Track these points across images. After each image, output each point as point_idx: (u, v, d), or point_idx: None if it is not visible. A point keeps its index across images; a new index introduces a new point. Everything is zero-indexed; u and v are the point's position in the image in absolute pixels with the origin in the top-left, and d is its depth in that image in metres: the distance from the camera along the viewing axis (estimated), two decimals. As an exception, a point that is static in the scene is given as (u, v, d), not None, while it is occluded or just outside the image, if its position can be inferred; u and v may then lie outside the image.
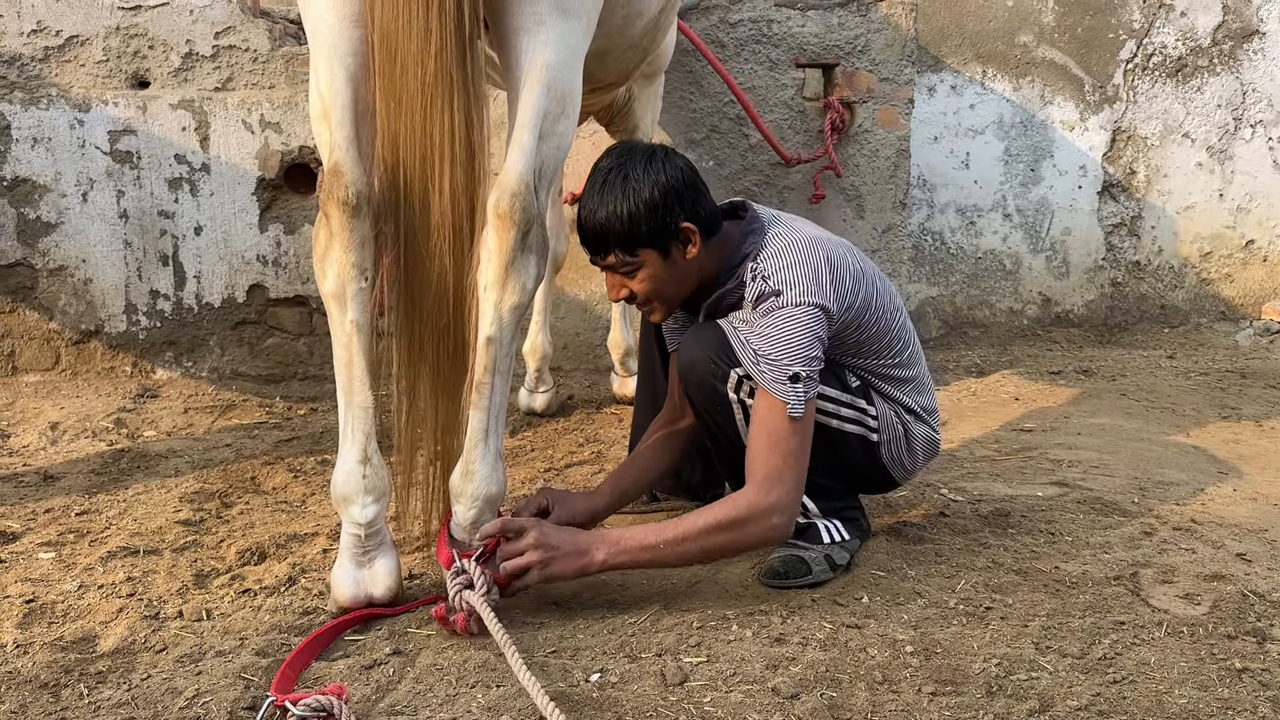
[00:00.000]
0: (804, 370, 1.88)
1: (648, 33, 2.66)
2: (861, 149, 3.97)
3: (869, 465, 2.11)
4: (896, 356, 2.12)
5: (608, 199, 1.95)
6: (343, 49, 1.83)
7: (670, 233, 1.96)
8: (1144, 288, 5.02)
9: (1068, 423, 3.31)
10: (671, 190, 1.95)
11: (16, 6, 3.45)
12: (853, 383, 2.08)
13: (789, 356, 1.88)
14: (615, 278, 2.02)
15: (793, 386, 1.87)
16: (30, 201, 3.54)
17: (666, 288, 2.01)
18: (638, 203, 1.93)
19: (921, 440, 2.15)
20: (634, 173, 1.96)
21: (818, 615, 1.82)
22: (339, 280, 1.83)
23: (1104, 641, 1.73)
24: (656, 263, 1.97)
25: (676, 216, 1.95)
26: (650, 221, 1.94)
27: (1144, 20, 4.87)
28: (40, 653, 1.72)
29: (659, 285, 2.00)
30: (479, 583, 1.76)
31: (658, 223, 1.94)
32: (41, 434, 3.09)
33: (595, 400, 3.60)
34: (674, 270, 1.99)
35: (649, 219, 1.94)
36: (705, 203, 2.01)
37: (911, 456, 2.14)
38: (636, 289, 2.01)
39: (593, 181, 2.00)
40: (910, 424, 2.13)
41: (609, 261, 2.00)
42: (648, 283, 1.99)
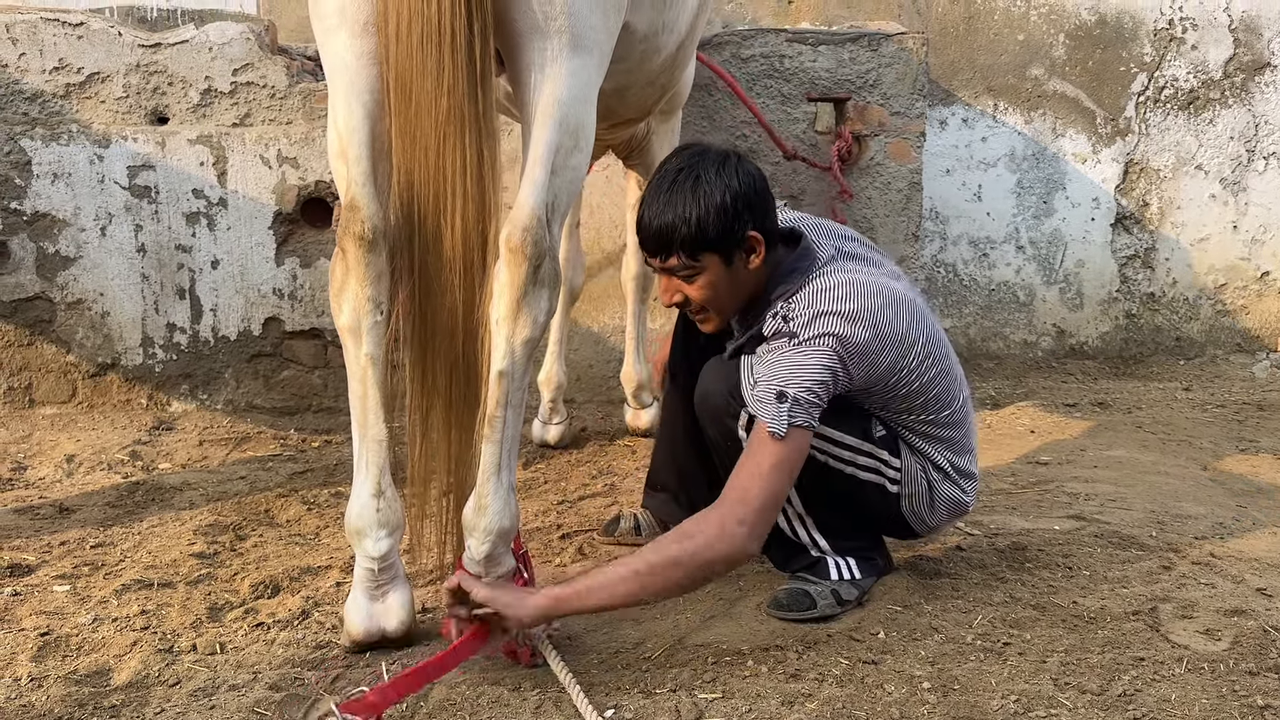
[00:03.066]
0: (794, 392, 1.83)
1: (666, 69, 2.68)
2: (874, 181, 3.98)
3: (886, 513, 2.08)
4: (934, 415, 2.05)
5: (676, 200, 1.92)
6: (360, 87, 1.85)
7: (736, 240, 1.92)
8: (1159, 320, 5.01)
9: (1084, 455, 3.29)
10: (742, 197, 1.92)
11: (39, 45, 3.51)
12: (877, 432, 2.04)
13: (781, 380, 1.85)
14: (672, 282, 1.98)
15: (776, 405, 1.82)
16: (50, 236, 3.57)
17: (724, 297, 1.98)
18: (708, 206, 1.90)
19: (946, 500, 2.10)
20: (706, 175, 1.93)
21: (834, 651, 1.81)
22: (355, 314, 1.84)
23: (1123, 678, 1.71)
24: (718, 269, 1.94)
25: (745, 224, 1.92)
26: (719, 227, 1.90)
27: (1155, 53, 4.88)
28: (54, 686, 1.72)
29: (717, 293, 1.96)
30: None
31: (726, 228, 1.91)
32: (58, 466, 3.10)
33: (609, 432, 3.59)
34: (734, 279, 1.96)
35: (718, 224, 1.90)
36: (772, 213, 1.99)
37: (933, 514, 2.10)
38: (693, 295, 1.97)
39: (659, 182, 1.96)
40: (936, 482, 2.08)
41: (669, 264, 1.95)
42: (707, 290, 1.95)
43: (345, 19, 1.85)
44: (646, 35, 2.36)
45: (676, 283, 1.98)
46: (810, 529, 2.07)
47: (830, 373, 1.87)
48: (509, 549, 1.93)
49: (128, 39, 3.54)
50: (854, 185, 3.97)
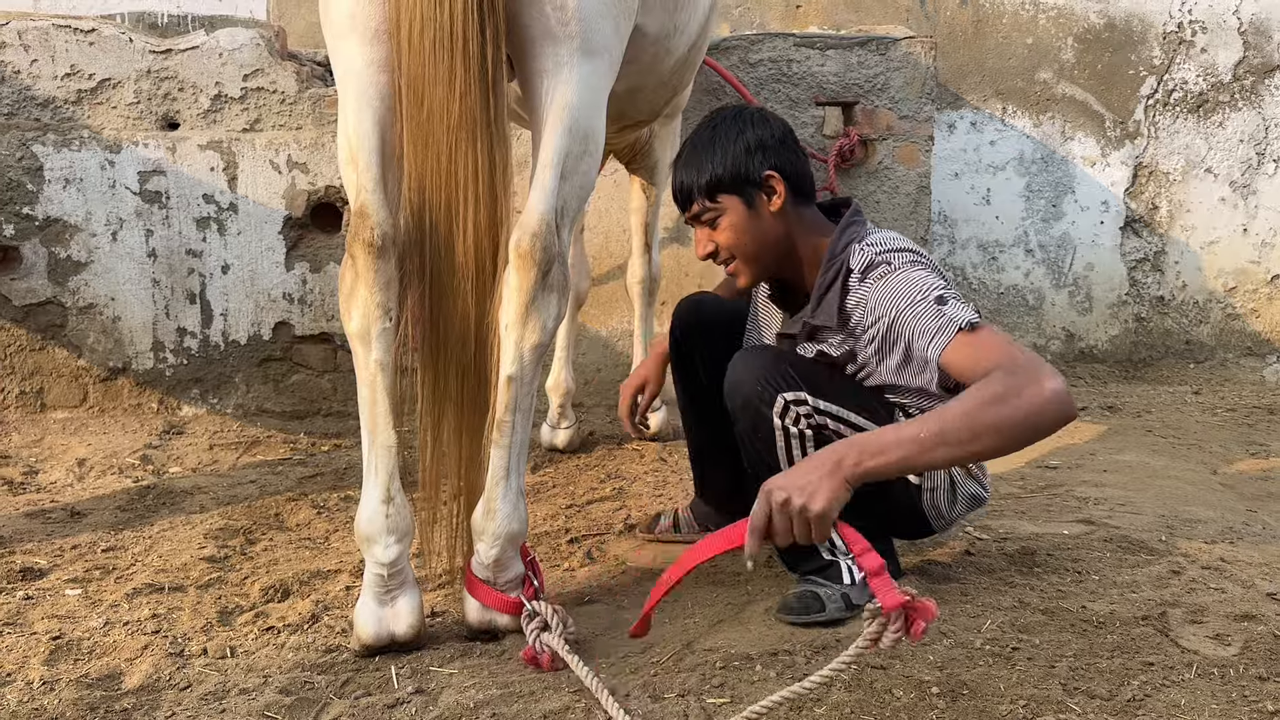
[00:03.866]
0: (947, 293, 1.80)
1: (676, 71, 2.69)
2: (882, 185, 3.98)
3: (906, 508, 2.08)
4: None
5: (697, 150, 2.01)
6: (371, 94, 1.86)
7: (753, 180, 1.98)
8: (1168, 323, 4.99)
9: (1093, 459, 3.28)
10: (757, 140, 2.00)
11: (51, 51, 3.53)
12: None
13: (920, 292, 1.81)
14: (702, 231, 2.04)
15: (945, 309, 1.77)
16: (61, 241, 3.59)
17: (748, 241, 2.00)
18: (723, 150, 1.98)
19: (966, 495, 2.11)
20: (722, 126, 2.02)
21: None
22: (364, 320, 1.85)
23: (1133, 683, 1.70)
24: (739, 211, 1.99)
25: (760, 165, 1.98)
26: (733, 168, 1.97)
27: (1164, 56, 4.88)
28: (66, 690, 1.73)
29: (741, 237, 2.00)
30: (555, 624, 1.79)
31: (740, 169, 1.97)
32: (69, 470, 3.12)
33: (617, 436, 3.60)
34: (758, 223, 2.00)
35: (732, 165, 1.97)
36: (797, 163, 2.03)
37: (952, 508, 2.10)
38: (720, 240, 2.01)
39: (686, 142, 2.07)
40: (959, 478, 2.09)
41: (694, 210, 2.02)
42: (729, 232, 2.00)
43: (356, 25, 1.85)
44: (658, 38, 2.37)
45: (705, 232, 2.03)
46: None
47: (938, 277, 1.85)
48: (518, 553, 1.94)
49: (139, 45, 3.56)
50: (862, 189, 3.97)
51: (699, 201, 2.01)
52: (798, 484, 1.57)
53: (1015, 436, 1.62)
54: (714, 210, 2.00)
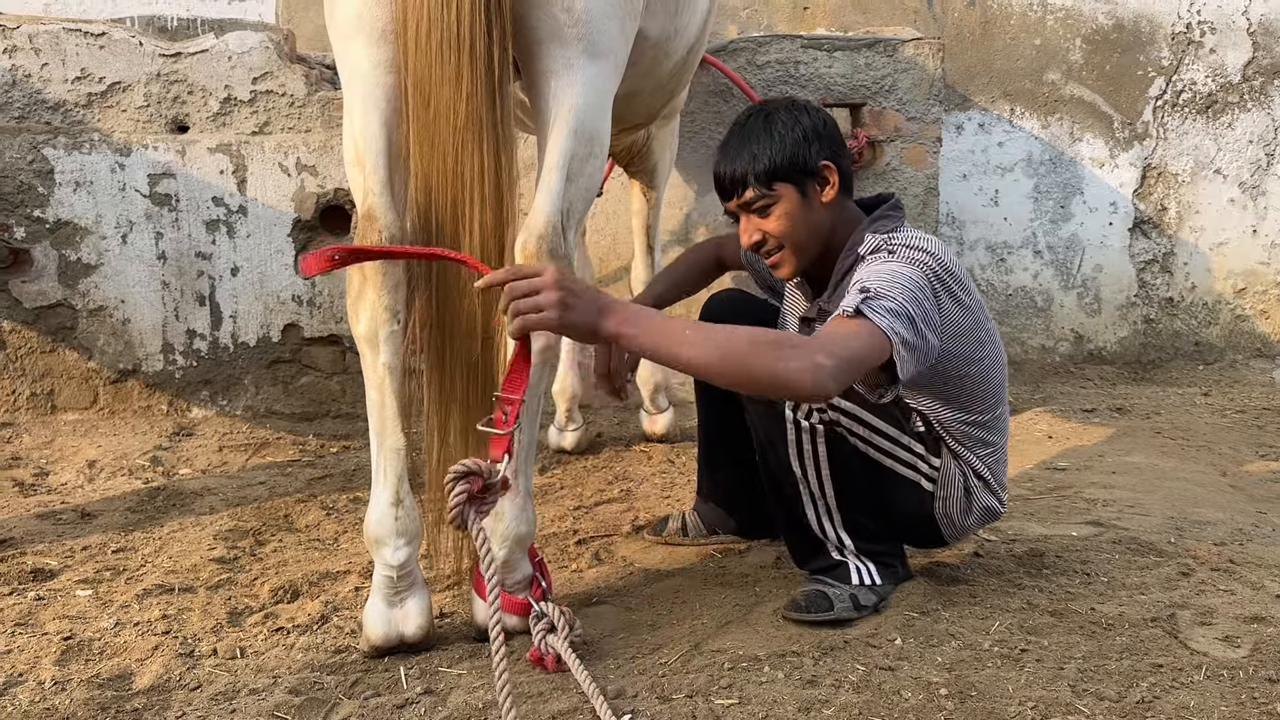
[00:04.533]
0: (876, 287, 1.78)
1: (675, 74, 2.69)
2: (889, 187, 3.98)
3: (918, 514, 2.08)
4: (986, 414, 2.06)
5: (749, 139, 1.99)
6: (377, 95, 1.86)
7: (810, 170, 1.98)
8: (1177, 324, 4.98)
9: (1102, 461, 3.27)
10: (814, 130, 2.00)
11: (61, 54, 3.55)
12: (916, 427, 2.05)
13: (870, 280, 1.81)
14: (750, 220, 2.01)
15: (856, 295, 1.78)
16: (72, 243, 3.61)
17: (800, 231, 2.00)
18: (781, 136, 1.97)
19: (981, 508, 2.11)
20: (777, 115, 2.01)
21: (850, 657, 1.81)
22: (372, 323, 1.86)
23: (1142, 684, 1.70)
24: (794, 199, 1.98)
25: (817, 155, 1.98)
26: (793, 155, 1.97)
27: (1173, 57, 4.86)
28: (77, 690, 1.74)
29: (793, 226, 1.99)
30: (560, 625, 1.79)
31: (799, 158, 1.97)
32: (79, 472, 3.13)
33: (624, 438, 3.60)
34: (809, 213, 2.00)
35: (791, 153, 1.97)
36: (846, 156, 2.06)
37: (965, 518, 2.11)
38: (771, 228, 1.99)
39: (732, 131, 2.05)
40: (975, 489, 2.09)
41: (746, 198, 1.99)
42: (783, 220, 1.98)
43: (362, 26, 1.86)
44: (658, 41, 2.37)
45: (754, 221, 2.01)
46: (837, 526, 2.04)
47: (919, 287, 1.84)
48: (525, 555, 1.94)
49: (148, 48, 3.58)
50: (870, 191, 3.96)
51: (754, 188, 1.98)
52: (576, 293, 1.61)
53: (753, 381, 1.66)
54: (769, 198, 1.98)
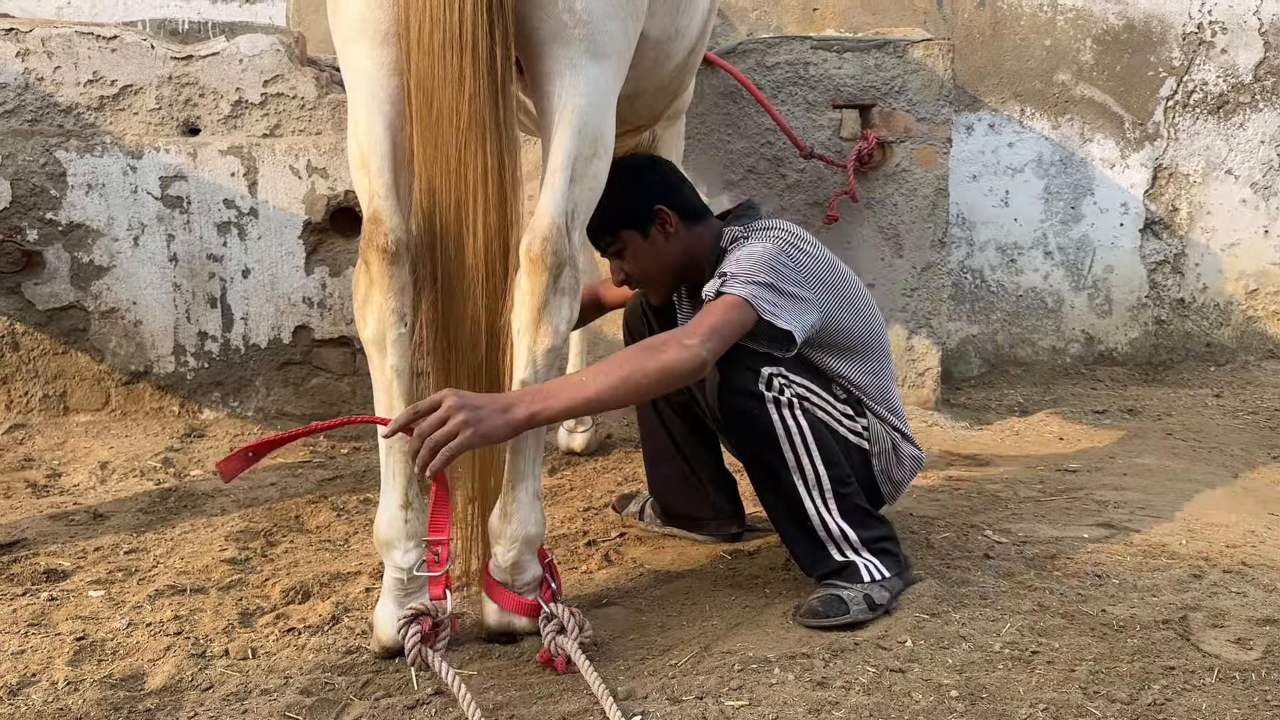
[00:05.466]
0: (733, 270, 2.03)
1: (677, 74, 2.69)
2: (900, 188, 3.98)
3: (866, 478, 2.19)
4: (879, 361, 2.24)
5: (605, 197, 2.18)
6: (381, 97, 1.86)
7: (645, 214, 2.24)
8: (1189, 325, 4.96)
9: (1113, 463, 3.26)
10: (643, 181, 2.28)
11: (74, 58, 3.57)
12: (840, 395, 2.17)
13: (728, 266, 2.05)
14: (614, 264, 2.31)
15: (721, 283, 2.01)
16: (84, 246, 3.63)
17: (651, 266, 2.27)
18: (620, 192, 2.17)
19: (908, 457, 2.26)
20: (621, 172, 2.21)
21: (860, 659, 1.81)
22: (379, 326, 1.86)
23: (1153, 687, 1.70)
24: (637, 242, 2.25)
25: (649, 200, 2.24)
26: (625, 206, 2.22)
27: (1184, 57, 4.85)
28: (90, 690, 1.75)
29: (644, 263, 2.27)
30: (570, 627, 1.80)
31: (632, 206, 2.23)
32: (91, 473, 3.15)
33: (633, 439, 3.60)
34: (655, 249, 2.26)
35: (624, 205, 2.22)
36: (684, 194, 2.32)
37: (899, 470, 2.25)
38: (627, 268, 2.29)
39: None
40: (899, 441, 2.24)
41: (604, 249, 2.30)
42: (633, 261, 2.27)
43: (365, 28, 1.86)
44: (659, 41, 2.37)
45: (616, 263, 2.31)
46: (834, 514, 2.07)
47: (773, 254, 2.07)
48: (535, 556, 1.94)
49: (160, 52, 3.60)
50: (880, 192, 3.96)
51: (606, 239, 2.26)
52: (477, 405, 1.73)
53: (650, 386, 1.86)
54: (616, 244, 2.26)
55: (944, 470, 3.21)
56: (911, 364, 4.03)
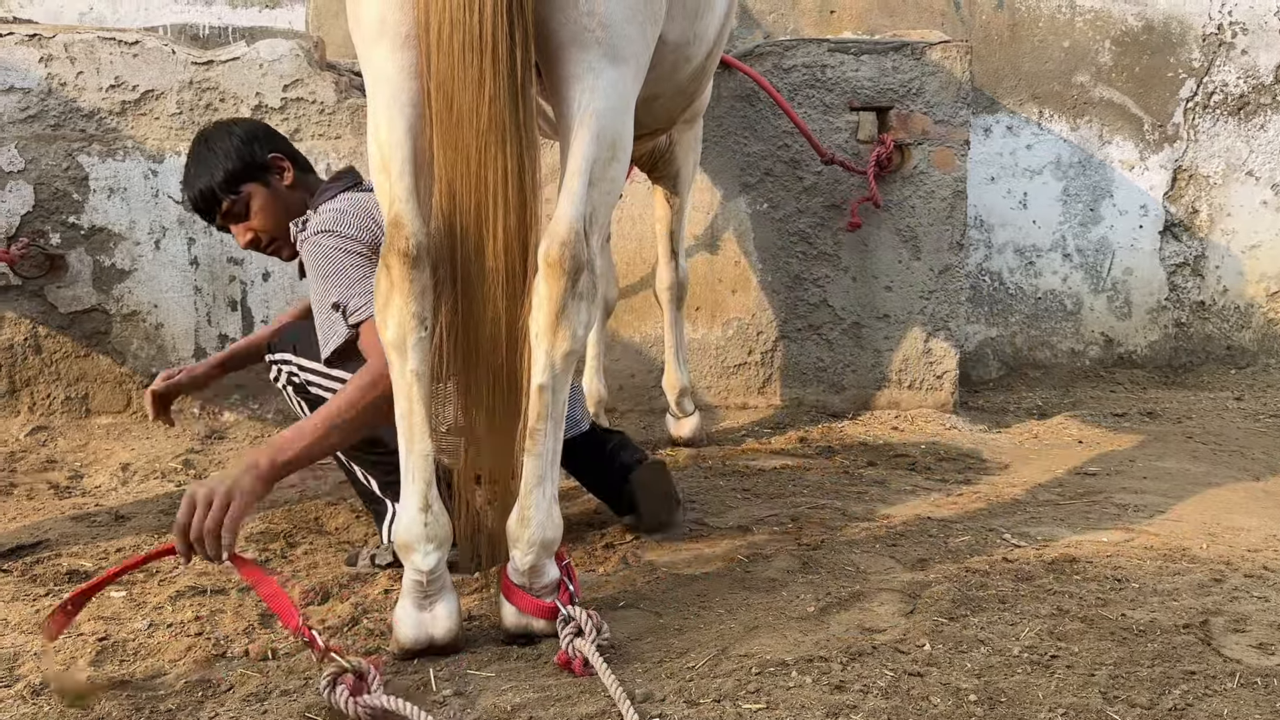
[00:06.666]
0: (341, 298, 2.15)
1: (694, 78, 2.69)
2: (917, 190, 3.97)
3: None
4: None
5: (200, 161, 2.31)
6: (402, 100, 1.87)
7: (262, 164, 2.30)
8: (1209, 328, 4.93)
9: (1133, 466, 3.24)
10: (249, 134, 2.32)
11: (96, 63, 3.60)
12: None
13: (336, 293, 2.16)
14: (237, 227, 2.33)
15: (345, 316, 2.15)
16: (106, 249, 3.66)
17: (281, 219, 2.31)
18: (227, 149, 2.26)
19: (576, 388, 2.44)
20: (210, 136, 2.32)
21: (878, 662, 1.80)
22: (400, 330, 1.86)
23: (1174, 692, 1.69)
24: (262, 194, 2.30)
25: (262, 150, 2.30)
26: (241, 158, 2.27)
27: (1204, 59, 4.82)
28: (112, 690, 1.76)
29: (270, 215, 2.31)
30: (588, 629, 1.80)
31: (248, 158, 2.28)
32: (113, 475, 3.18)
33: (651, 442, 3.61)
34: (279, 200, 2.32)
35: (239, 157, 2.27)
36: (286, 145, 2.38)
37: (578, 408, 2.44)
38: (256, 225, 2.31)
39: (185, 166, 2.37)
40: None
41: (224, 210, 2.31)
42: (262, 215, 2.31)
43: (386, 30, 1.86)
44: (678, 45, 2.37)
45: (242, 225, 2.32)
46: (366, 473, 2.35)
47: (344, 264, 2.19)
48: (553, 559, 1.95)
49: (181, 57, 3.63)
50: (898, 194, 3.96)
51: (227, 200, 2.27)
52: (218, 480, 1.87)
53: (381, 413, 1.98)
54: (240, 201, 2.28)
55: (962, 473, 3.20)
56: (929, 366, 4.02)
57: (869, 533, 2.56)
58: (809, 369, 4.01)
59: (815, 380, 4.01)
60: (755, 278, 3.96)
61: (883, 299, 4.00)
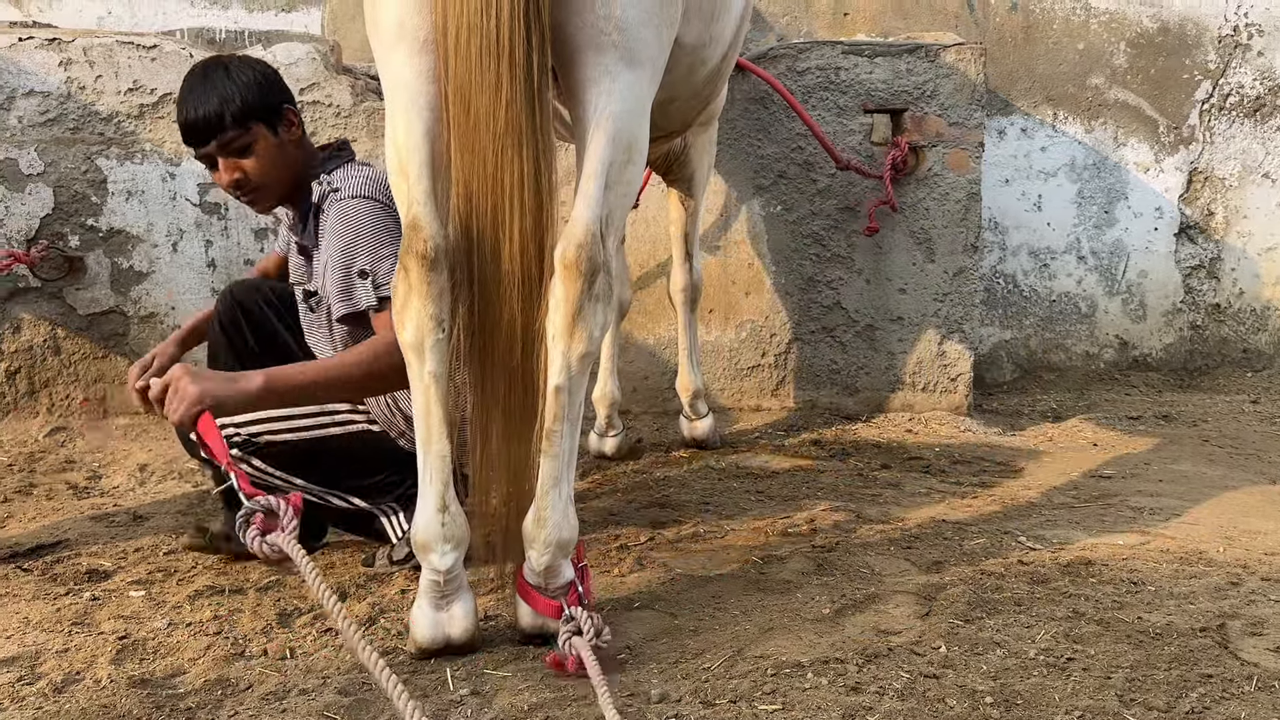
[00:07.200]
0: (369, 266, 2.15)
1: (710, 80, 2.70)
2: (931, 192, 3.96)
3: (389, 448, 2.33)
4: None
5: (215, 84, 2.22)
6: (420, 104, 1.88)
7: (278, 111, 2.24)
8: (1225, 331, 4.91)
9: (1148, 469, 3.24)
10: (272, 77, 2.26)
11: (114, 67, 3.63)
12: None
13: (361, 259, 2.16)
14: (228, 162, 2.21)
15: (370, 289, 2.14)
16: (124, 251, 3.69)
17: (272, 171, 2.25)
18: (248, 82, 2.20)
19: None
20: (232, 64, 2.24)
21: (894, 664, 1.81)
22: (418, 332, 1.87)
23: (1191, 695, 1.68)
24: (268, 139, 2.23)
25: (280, 97, 2.25)
26: (262, 96, 2.21)
27: (1219, 61, 4.80)
28: (133, 688, 1.78)
29: (266, 165, 2.24)
30: (586, 629, 1.80)
31: (267, 99, 2.22)
32: (131, 475, 3.20)
33: (664, 443, 3.61)
34: (282, 152, 2.26)
35: (260, 94, 2.21)
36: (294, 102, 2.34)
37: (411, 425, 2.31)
38: (249, 168, 2.22)
39: (189, 82, 2.23)
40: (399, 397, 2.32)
41: (226, 138, 2.19)
42: (261, 159, 2.23)
43: (404, 35, 1.88)
44: (694, 48, 2.37)
45: (234, 161, 2.22)
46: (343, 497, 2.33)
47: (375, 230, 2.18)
48: (569, 561, 1.95)
49: (198, 60, 3.64)
50: (912, 196, 3.95)
51: (231, 131, 2.17)
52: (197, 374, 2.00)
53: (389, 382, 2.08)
54: (246, 140, 2.20)
55: (976, 476, 3.20)
56: (943, 369, 4.01)
57: (884, 535, 2.56)
58: (822, 371, 4.01)
59: (829, 382, 4.01)
60: (769, 280, 3.97)
61: (897, 301, 4.00)
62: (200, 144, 2.21)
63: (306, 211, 2.33)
